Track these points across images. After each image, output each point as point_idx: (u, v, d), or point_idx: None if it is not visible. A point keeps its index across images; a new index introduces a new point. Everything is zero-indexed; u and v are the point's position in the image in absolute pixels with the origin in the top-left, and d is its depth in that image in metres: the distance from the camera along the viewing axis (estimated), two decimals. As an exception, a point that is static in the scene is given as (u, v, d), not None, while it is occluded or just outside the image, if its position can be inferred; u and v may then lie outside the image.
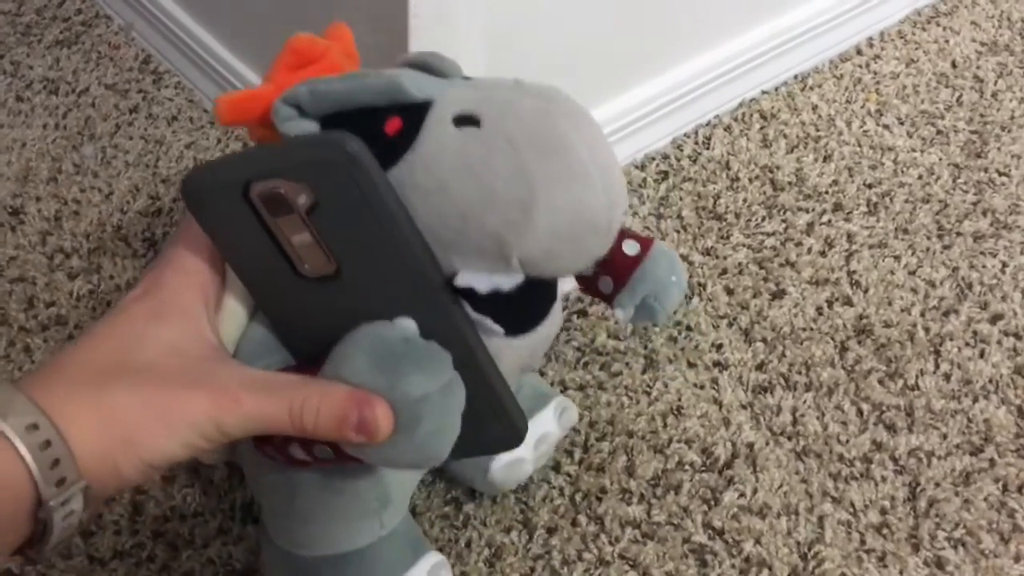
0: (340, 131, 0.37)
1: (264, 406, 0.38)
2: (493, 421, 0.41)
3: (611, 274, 0.51)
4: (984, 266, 0.78)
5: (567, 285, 0.49)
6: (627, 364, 0.69)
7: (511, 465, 0.56)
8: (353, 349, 0.38)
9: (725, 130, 0.89)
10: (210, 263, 0.42)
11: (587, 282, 0.52)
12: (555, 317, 0.44)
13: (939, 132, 0.91)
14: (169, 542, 0.58)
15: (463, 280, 0.38)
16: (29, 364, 0.65)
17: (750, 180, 0.84)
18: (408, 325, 0.39)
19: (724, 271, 0.76)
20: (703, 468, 0.63)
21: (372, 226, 0.38)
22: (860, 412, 0.67)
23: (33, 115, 0.84)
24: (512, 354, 0.42)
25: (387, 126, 0.38)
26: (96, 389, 0.37)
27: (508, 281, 0.38)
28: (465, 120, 0.37)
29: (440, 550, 0.58)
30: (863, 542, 0.60)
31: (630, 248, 0.50)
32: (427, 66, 0.41)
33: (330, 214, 0.38)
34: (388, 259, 0.38)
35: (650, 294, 0.50)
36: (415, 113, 0.38)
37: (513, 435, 0.42)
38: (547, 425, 0.58)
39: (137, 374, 0.38)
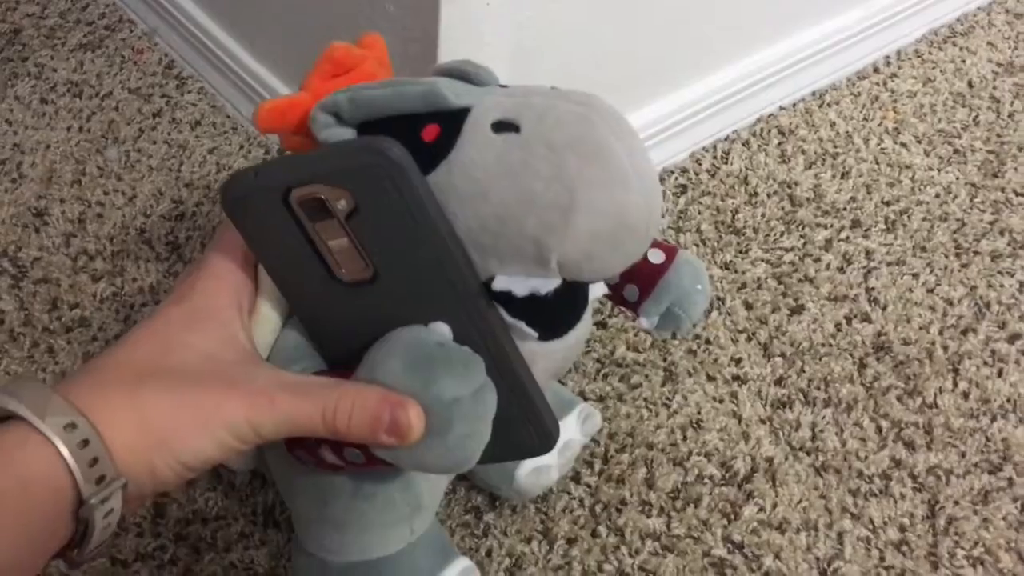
0: (381, 136, 0.38)
1: (298, 407, 0.38)
2: (526, 425, 0.41)
3: (636, 282, 0.51)
4: (1002, 285, 0.78)
5: (597, 291, 0.49)
6: (647, 376, 0.69)
7: (537, 472, 0.57)
8: (387, 352, 0.38)
9: (743, 145, 0.90)
10: (243, 268, 0.43)
11: (613, 290, 0.52)
12: (586, 322, 0.44)
13: (956, 151, 0.92)
14: (191, 545, 0.58)
15: (500, 284, 0.38)
16: (53, 365, 0.65)
17: (768, 195, 0.85)
18: (443, 330, 0.39)
19: (743, 285, 0.77)
20: (723, 482, 0.64)
21: (411, 232, 0.38)
22: (879, 429, 0.67)
23: (57, 117, 0.84)
24: (545, 359, 0.42)
25: (425, 133, 0.39)
26: (131, 389, 0.37)
27: (545, 284, 0.39)
28: (504, 126, 0.38)
29: (461, 558, 0.58)
30: (882, 559, 0.60)
31: (655, 256, 0.50)
32: (462, 74, 0.42)
33: (369, 219, 0.38)
34: (426, 265, 0.39)
35: (675, 303, 0.50)
36: (453, 120, 0.39)
37: (545, 440, 0.42)
38: (570, 432, 0.58)
39: (172, 376, 0.38)
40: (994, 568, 0.61)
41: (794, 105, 0.95)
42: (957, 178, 0.89)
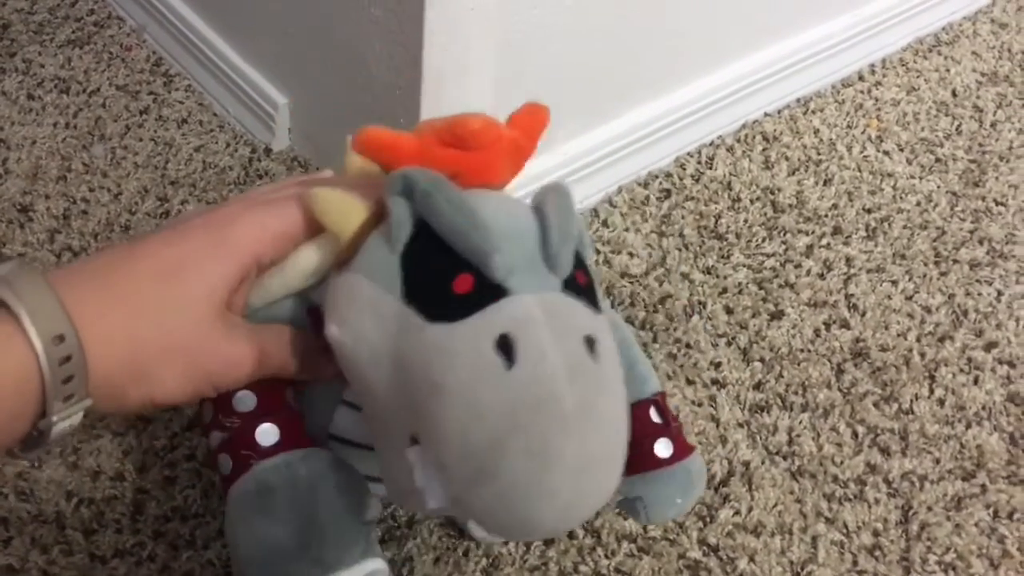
0: None
1: (281, 352, 0.42)
2: None
3: (629, 456, 0.46)
4: (980, 294, 0.79)
5: None
6: (626, 379, 0.70)
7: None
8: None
9: (728, 151, 0.91)
10: (281, 242, 0.42)
11: None
12: None
13: (938, 160, 0.93)
14: (170, 542, 0.58)
15: (414, 456, 0.37)
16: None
17: (751, 201, 0.86)
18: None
19: (724, 290, 0.77)
20: (699, 485, 0.64)
21: None
22: (855, 434, 0.68)
23: (44, 113, 0.84)
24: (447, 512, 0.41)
25: (458, 283, 0.36)
26: (130, 315, 0.37)
27: (441, 503, 0.36)
28: (506, 347, 0.34)
29: (438, 559, 0.59)
30: (855, 563, 0.61)
31: (663, 449, 0.47)
32: (546, 231, 0.38)
33: None
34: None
35: (646, 500, 0.47)
36: (489, 290, 0.36)
37: None
38: None
39: (174, 312, 0.38)
40: (965, 574, 0.61)
41: (779, 112, 0.96)
42: (938, 187, 0.90)
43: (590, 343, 0.35)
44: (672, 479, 0.47)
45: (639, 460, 0.47)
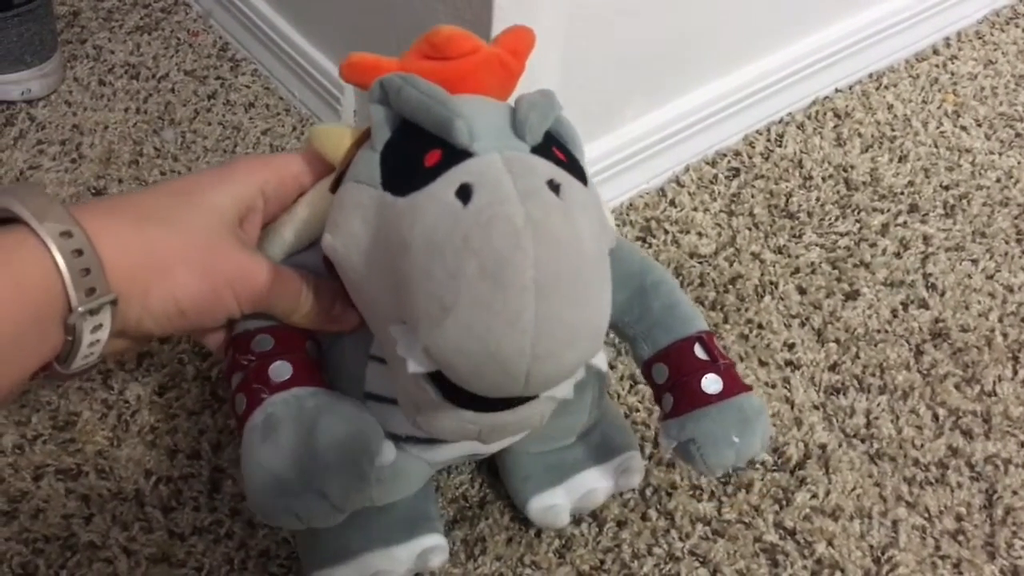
0: None
1: (292, 281, 0.44)
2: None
3: (676, 396, 0.47)
4: (1065, 272, 0.77)
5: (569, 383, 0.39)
6: (698, 361, 0.69)
7: (545, 510, 0.56)
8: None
9: (798, 128, 0.89)
10: (292, 188, 0.45)
11: (653, 387, 0.50)
12: (535, 410, 0.38)
13: (1018, 135, 0.90)
14: (247, 520, 0.59)
15: (393, 332, 0.37)
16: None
17: (823, 179, 0.84)
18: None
19: (796, 270, 0.76)
20: (775, 468, 0.63)
21: None
22: (936, 417, 0.66)
23: (115, 99, 0.86)
24: (495, 432, 0.39)
25: (428, 157, 0.37)
26: (141, 223, 0.39)
27: (423, 365, 0.36)
28: (465, 192, 0.34)
29: (510, 540, 0.58)
30: (938, 548, 0.60)
31: (711, 385, 0.46)
32: (515, 110, 0.39)
33: None
34: None
35: (699, 441, 0.46)
36: (455, 156, 0.36)
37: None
38: (597, 482, 0.57)
39: (186, 218, 0.40)
40: (1054, 560, 0.59)
41: (850, 87, 0.94)
42: (1019, 162, 0.87)
43: (554, 186, 0.35)
44: (722, 416, 0.46)
45: (687, 398, 0.47)
